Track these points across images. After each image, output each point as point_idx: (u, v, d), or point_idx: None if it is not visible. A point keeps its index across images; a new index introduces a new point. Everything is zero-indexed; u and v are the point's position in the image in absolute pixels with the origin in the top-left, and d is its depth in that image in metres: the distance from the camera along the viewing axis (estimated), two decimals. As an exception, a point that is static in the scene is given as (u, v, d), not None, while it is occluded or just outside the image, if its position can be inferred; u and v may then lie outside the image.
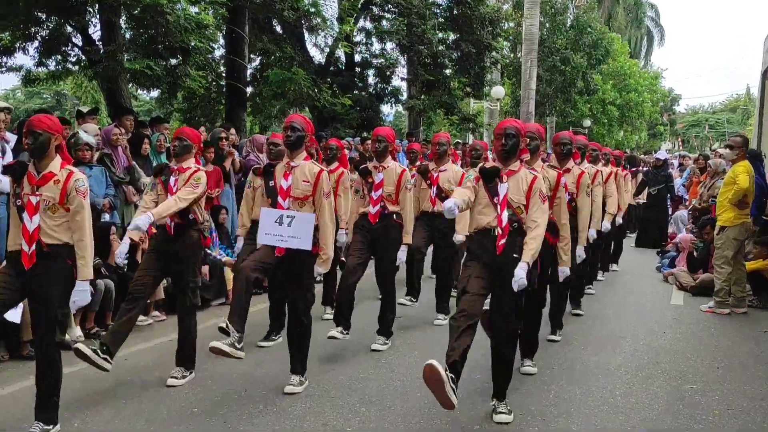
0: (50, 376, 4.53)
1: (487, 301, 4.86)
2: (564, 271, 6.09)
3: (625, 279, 10.97)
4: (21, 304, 6.35)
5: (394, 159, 7.07)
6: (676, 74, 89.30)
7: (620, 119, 35.88)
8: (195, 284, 5.87)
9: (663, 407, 5.21)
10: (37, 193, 4.41)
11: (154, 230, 5.88)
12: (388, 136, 6.94)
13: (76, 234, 4.47)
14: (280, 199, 5.48)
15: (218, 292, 9.03)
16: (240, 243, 6.94)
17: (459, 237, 7.16)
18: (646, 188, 15.76)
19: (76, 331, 7.06)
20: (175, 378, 5.67)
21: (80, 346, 5.05)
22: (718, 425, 4.87)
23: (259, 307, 7.28)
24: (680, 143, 48.91)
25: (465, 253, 5.44)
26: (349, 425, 4.79)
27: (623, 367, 6.24)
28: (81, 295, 4.53)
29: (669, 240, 13.60)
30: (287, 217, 5.35)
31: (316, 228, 5.46)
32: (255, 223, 6.60)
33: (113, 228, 7.80)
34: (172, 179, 5.72)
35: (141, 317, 7.74)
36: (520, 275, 4.58)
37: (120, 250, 5.77)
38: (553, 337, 7.09)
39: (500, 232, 4.75)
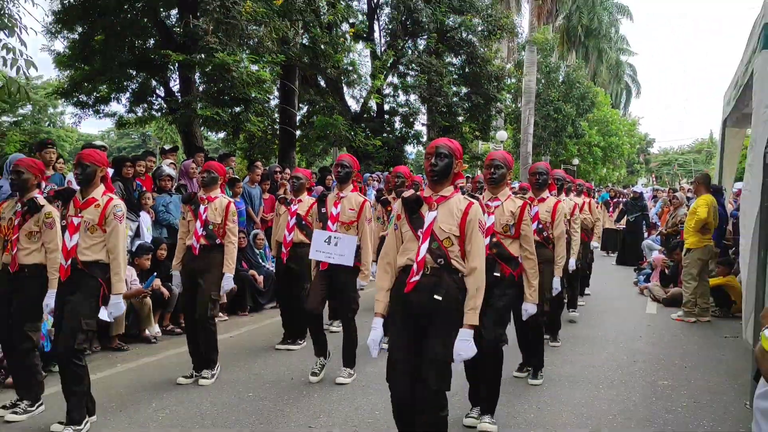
0: (71, 379, 4.23)
1: None
2: (528, 308, 4.54)
3: (606, 292, 10.85)
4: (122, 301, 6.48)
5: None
6: (652, 120, 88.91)
7: (603, 158, 35.61)
8: (216, 297, 5.60)
9: (639, 400, 5.13)
10: (79, 215, 4.34)
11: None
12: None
13: (112, 253, 4.34)
14: (329, 223, 5.49)
15: (270, 298, 9.09)
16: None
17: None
18: (625, 216, 15.69)
19: (155, 329, 7.16)
20: (206, 378, 5.45)
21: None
22: (686, 415, 4.79)
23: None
24: (654, 179, 48.34)
25: None
26: (377, 409, 4.78)
27: (606, 365, 6.15)
28: (115, 307, 4.37)
29: (644, 260, 13.45)
30: (334, 238, 5.40)
31: (358, 248, 5.47)
32: (278, 244, 6.77)
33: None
34: (201, 207, 5.54)
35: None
36: (461, 349, 3.32)
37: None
38: (534, 381, 5.48)
39: (415, 267, 3.40)
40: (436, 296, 3.36)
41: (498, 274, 4.36)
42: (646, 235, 15.22)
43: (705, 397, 5.21)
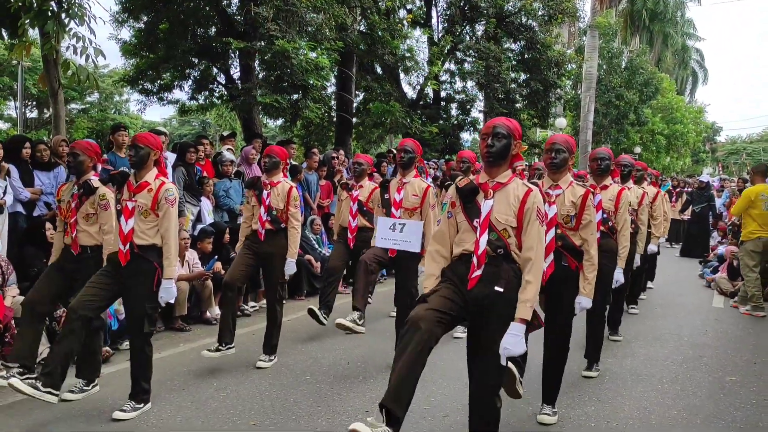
0: (141, 361, 4.35)
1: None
2: (582, 302, 4.21)
3: (671, 285, 10.51)
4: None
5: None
6: (719, 108, 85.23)
7: (667, 147, 34.41)
8: (283, 281, 5.66)
9: (706, 395, 4.96)
10: (133, 199, 4.30)
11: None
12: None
13: (164, 237, 4.32)
14: (393, 209, 5.46)
15: (327, 283, 9.16)
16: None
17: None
18: (691, 206, 15.17)
19: (216, 310, 7.30)
20: (263, 361, 5.51)
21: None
22: (755, 413, 4.60)
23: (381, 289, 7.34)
24: (720, 168, 46.54)
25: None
26: (433, 396, 4.74)
27: (669, 359, 5.97)
28: (166, 292, 4.34)
29: (710, 251, 12.99)
30: (399, 224, 5.31)
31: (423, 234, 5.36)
32: (342, 229, 6.73)
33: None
34: (264, 192, 5.54)
35: (263, 301, 7.92)
36: (509, 343, 3.09)
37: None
38: (588, 373, 5.37)
39: (475, 261, 3.22)
40: (497, 288, 3.16)
41: (566, 265, 4.15)
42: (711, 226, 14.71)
43: (776, 394, 4.99)
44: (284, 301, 5.88)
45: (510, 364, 3.46)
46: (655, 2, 35.90)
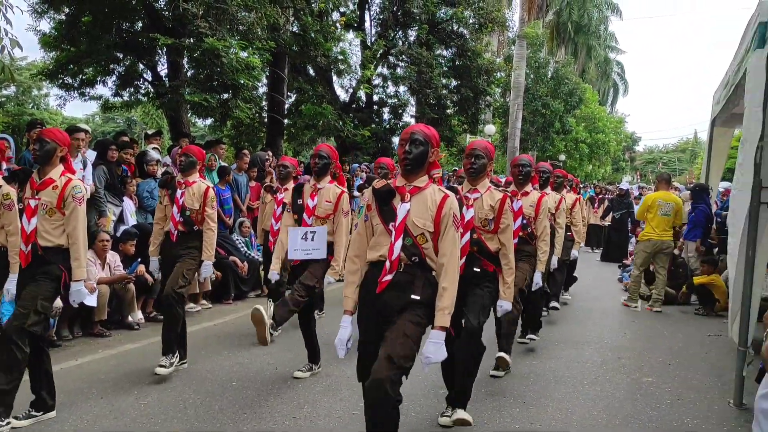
0: (11, 361, 3.94)
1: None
2: (503, 305, 4.28)
3: (591, 289, 10.88)
4: (96, 290, 6.39)
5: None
6: (638, 118, 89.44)
7: (589, 155, 35.74)
8: (189, 277, 5.30)
9: (624, 396, 5.12)
10: (36, 197, 4.09)
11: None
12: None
13: (71, 238, 4.11)
14: (305, 216, 5.20)
15: (254, 285, 9.02)
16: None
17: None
18: (611, 213, 15.76)
19: (138, 315, 7.07)
20: (164, 366, 5.07)
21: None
22: (669, 412, 4.79)
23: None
24: (639, 176, 48.69)
25: None
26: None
27: (590, 361, 6.15)
28: (76, 294, 4.15)
29: (629, 256, 13.52)
30: (310, 233, 5.11)
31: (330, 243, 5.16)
32: (264, 232, 6.63)
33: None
34: (178, 192, 5.33)
35: (191, 305, 7.75)
36: (430, 351, 3.10)
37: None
38: (495, 372, 5.40)
39: (387, 265, 3.18)
40: (413, 296, 3.16)
41: (478, 270, 4.21)
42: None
43: (689, 394, 5.21)
44: (200, 304, 5.70)
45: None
46: (580, 15, 37.24)
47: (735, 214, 5.25)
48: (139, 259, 7.26)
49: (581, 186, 16.57)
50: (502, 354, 5.33)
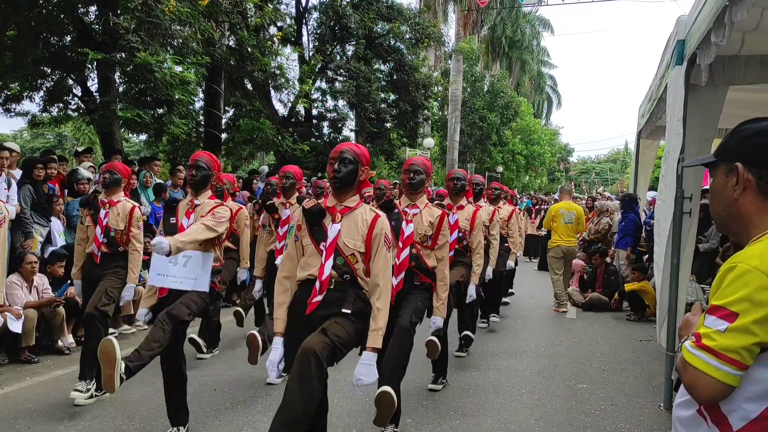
0: None
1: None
2: (436, 321, 4.40)
3: (528, 298, 11.10)
4: (22, 316, 6.11)
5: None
6: (571, 130, 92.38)
7: (526, 166, 36.62)
8: (112, 299, 4.99)
9: (560, 403, 5.24)
10: None
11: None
12: (296, 174, 6.03)
13: None
14: None
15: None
16: None
17: None
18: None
19: (69, 339, 6.80)
20: (79, 391, 4.88)
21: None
22: (604, 417, 4.92)
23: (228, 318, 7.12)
24: (573, 186, 50.10)
25: None
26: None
27: (528, 370, 6.27)
28: None
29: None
30: (183, 257, 4.03)
31: (215, 270, 4.26)
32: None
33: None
34: (102, 212, 5.11)
35: (125, 326, 7.53)
36: (362, 374, 3.07)
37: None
38: (433, 386, 5.42)
39: (317, 286, 3.13)
40: (344, 310, 3.12)
41: (418, 284, 4.30)
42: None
43: (622, 399, 5.38)
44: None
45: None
46: (514, 30, 38.20)
47: (660, 224, 5.46)
48: (69, 281, 6.97)
49: (517, 197, 16.93)
50: (429, 385, 5.43)
